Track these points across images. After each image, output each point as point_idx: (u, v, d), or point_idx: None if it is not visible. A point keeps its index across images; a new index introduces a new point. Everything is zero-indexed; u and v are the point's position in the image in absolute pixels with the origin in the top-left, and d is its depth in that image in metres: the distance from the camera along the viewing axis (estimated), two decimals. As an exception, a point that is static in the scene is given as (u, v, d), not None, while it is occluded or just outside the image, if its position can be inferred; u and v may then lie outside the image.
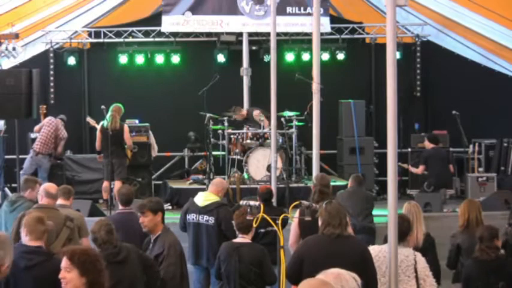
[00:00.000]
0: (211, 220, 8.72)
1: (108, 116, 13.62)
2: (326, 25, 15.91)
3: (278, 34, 13.72)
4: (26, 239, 6.41)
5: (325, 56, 16.36)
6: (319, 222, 6.57)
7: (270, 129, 13.46)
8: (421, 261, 6.89)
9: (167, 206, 13.44)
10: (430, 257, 7.78)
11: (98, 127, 13.79)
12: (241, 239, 7.56)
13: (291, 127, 14.84)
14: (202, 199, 8.91)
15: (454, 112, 15.38)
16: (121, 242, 6.70)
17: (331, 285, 3.71)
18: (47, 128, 14.39)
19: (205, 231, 8.75)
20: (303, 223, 7.64)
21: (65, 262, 4.62)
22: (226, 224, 8.58)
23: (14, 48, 13.91)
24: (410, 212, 7.96)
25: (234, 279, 7.39)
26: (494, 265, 7.30)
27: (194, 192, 14.15)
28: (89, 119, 14.66)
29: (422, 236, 8.00)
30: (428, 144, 14.34)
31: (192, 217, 8.85)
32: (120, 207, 8.73)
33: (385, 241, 7.26)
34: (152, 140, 15.21)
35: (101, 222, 6.73)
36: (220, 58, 16.52)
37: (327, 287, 3.68)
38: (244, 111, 15.25)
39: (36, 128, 14.60)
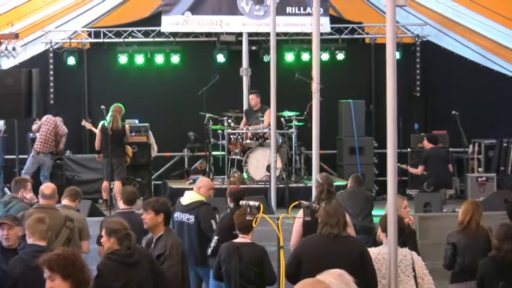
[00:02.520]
0: (192, 219, 8.75)
1: (109, 115, 13.63)
2: (326, 25, 15.91)
3: (278, 34, 13.73)
4: (30, 240, 6.51)
5: (325, 56, 16.37)
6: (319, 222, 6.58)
7: (269, 129, 13.48)
8: (418, 260, 6.91)
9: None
10: (410, 246, 7.78)
11: (99, 127, 13.79)
12: (242, 239, 7.55)
13: (291, 127, 14.84)
14: (186, 198, 8.93)
15: (453, 112, 15.38)
16: (135, 244, 6.72)
17: (326, 284, 3.71)
18: (46, 126, 14.40)
19: (187, 229, 8.78)
20: (306, 223, 7.64)
21: (46, 272, 4.63)
22: (205, 223, 8.66)
23: (13, 48, 13.91)
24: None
25: (234, 279, 7.38)
26: (510, 265, 7.27)
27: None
28: (84, 123, 14.66)
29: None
30: (427, 144, 14.34)
31: (176, 215, 8.86)
32: (121, 206, 8.72)
33: (373, 243, 7.28)
34: (152, 140, 15.21)
35: (121, 222, 6.68)
36: (220, 58, 16.52)
37: (321, 284, 3.69)
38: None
39: (35, 127, 14.61)
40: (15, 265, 6.32)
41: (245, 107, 15.92)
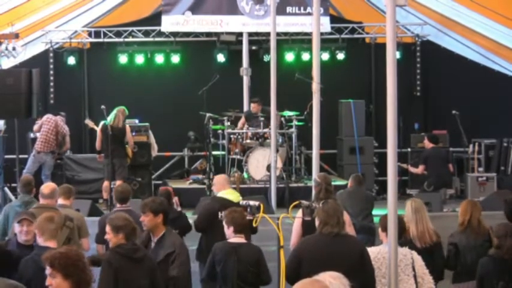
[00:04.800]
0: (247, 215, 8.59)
1: (112, 114, 13.65)
2: (326, 25, 15.91)
3: (278, 34, 13.73)
4: (40, 240, 6.55)
5: (325, 56, 16.37)
6: (316, 222, 6.56)
7: (270, 129, 13.48)
8: (418, 260, 6.90)
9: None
10: (439, 252, 7.77)
11: (99, 127, 13.79)
12: (238, 238, 7.50)
13: (291, 127, 14.85)
14: (233, 196, 8.85)
15: (454, 112, 15.38)
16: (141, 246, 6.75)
17: (324, 283, 3.73)
18: (46, 126, 14.41)
19: None
20: (305, 223, 7.63)
21: (47, 269, 4.64)
22: None
23: (14, 48, 13.91)
24: (417, 210, 7.92)
25: (231, 279, 7.36)
26: (510, 263, 7.25)
27: (194, 192, 14.27)
28: (87, 121, 14.66)
29: (433, 233, 7.93)
30: (428, 144, 14.33)
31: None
32: (118, 205, 8.72)
33: (374, 242, 7.26)
34: (152, 139, 15.21)
35: (126, 217, 6.66)
36: (220, 58, 16.53)
37: (320, 284, 3.71)
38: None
39: (36, 127, 14.61)
40: (27, 266, 6.33)
41: (245, 106, 15.92)
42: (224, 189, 8.99)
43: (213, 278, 7.57)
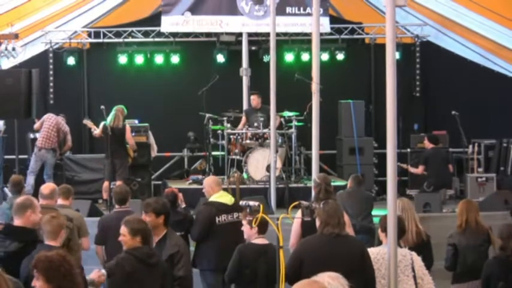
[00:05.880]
0: (241, 216, 8.56)
1: (111, 114, 13.65)
2: (326, 25, 15.92)
3: (278, 34, 13.74)
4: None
5: (325, 56, 16.38)
6: (317, 223, 6.56)
7: (269, 130, 13.49)
8: (418, 260, 6.90)
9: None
10: (426, 255, 7.77)
11: (100, 127, 13.76)
12: (262, 239, 7.47)
13: (291, 127, 14.85)
14: (227, 199, 8.81)
15: (453, 112, 15.37)
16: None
17: (322, 284, 3.75)
18: (48, 122, 14.44)
19: (238, 228, 8.46)
20: (304, 224, 7.62)
21: (34, 271, 4.66)
22: None
23: (13, 48, 13.91)
24: (404, 209, 7.92)
25: (261, 280, 7.31)
26: None
27: (194, 192, 14.25)
28: (86, 122, 14.66)
29: (417, 235, 7.93)
30: (428, 144, 14.33)
31: (223, 218, 8.63)
32: (117, 206, 8.72)
33: (378, 243, 7.26)
34: (152, 140, 15.21)
35: (143, 220, 6.66)
36: (220, 58, 16.53)
37: (318, 284, 3.72)
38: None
39: (37, 125, 14.61)
40: (25, 264, 6.36)
41: (245, 107, 15.92)
42: (214, 192, 8.85)
43: (235, 280, 7.52)
